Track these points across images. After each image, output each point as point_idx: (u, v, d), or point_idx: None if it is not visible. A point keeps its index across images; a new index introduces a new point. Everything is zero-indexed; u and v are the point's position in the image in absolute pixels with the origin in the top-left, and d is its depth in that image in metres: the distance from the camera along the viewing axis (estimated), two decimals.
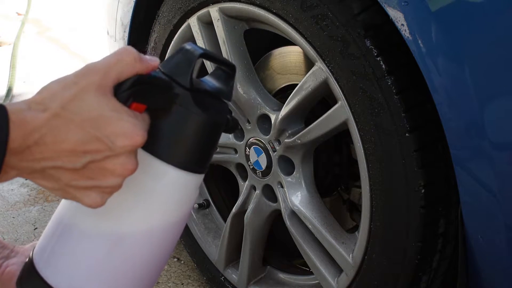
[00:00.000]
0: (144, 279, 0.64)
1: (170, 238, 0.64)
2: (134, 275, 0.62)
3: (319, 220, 1.01)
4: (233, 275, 1.28)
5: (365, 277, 0.92)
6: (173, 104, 0.57)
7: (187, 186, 0.61)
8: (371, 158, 0.83)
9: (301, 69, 1.14)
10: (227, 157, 1.19)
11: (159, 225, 0.61)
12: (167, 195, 0.60)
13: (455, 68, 0.67)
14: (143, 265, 0.62)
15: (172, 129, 0.57)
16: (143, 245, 0.61)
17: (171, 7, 1.15)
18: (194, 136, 0.58)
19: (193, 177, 0.61)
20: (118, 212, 0.58)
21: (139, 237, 0.60)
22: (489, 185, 0.71)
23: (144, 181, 0.58)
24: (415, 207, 0.80)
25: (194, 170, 0.60)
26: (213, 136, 0.61)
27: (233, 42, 1.04)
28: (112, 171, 0.52)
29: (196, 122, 0.58)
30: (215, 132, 0.61)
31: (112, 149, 0.51)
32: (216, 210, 1.39)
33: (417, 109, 0.77)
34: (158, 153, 0.57)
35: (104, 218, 0.58)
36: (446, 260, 0.88)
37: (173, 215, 0.62)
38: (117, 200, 0.57)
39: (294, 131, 1.00)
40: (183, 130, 0.58)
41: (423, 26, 0.69)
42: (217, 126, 0.61)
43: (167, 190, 0.59)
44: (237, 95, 1.06)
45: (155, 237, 0.61)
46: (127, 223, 0.59)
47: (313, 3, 0.83)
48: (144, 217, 0.59)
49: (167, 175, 0.58)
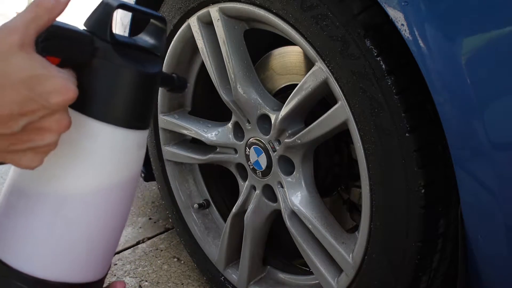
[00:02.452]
0: (99, 245, 0.62)
1: (118, 199, 0.62)
2: (87, 240, 0.60)
3: (319, 220, 1.01)
4: (233, 275, 1.28)
5: (365, 277, 0.92)
6: (94, 58, 0.55)
7: (125, 143, 0.59)
8: (371, 158, 0.83)
9: (301, 69, 1.14)
10: (227, 157, 1.19)
11: (102, 186, 0.59)
12: (104, 153, 0.58)
13: (455, 68, 0.67)
14: (93, 229, 0.61)
15: (97, 84, 0.56)
16: (89, 208, 0.59)
17: (171, 7, 1.15)
18: (121, 89, 0.57)
19: (129, 134, 0.59)
20: (60, 174, 0.57)
21: (83, 199, 0.58)
22: (489, 185, 0.71)
23: (80, 142, 0.57)
24: (415, 207, 0.80)
25: (129, 126, 0.58)
26: (144, 89, 0.59)
27: (233, 42, 1.04)
28: (48, 129, 0.52)
29: (120, 74, 0.56)
30: (146, 85, 0.59)
31: (47, 107, 0.50)
32: (216, 210, 1.39)
33: (417, 109, 0.77)
34: (89, 110, 0.56)
35: (47, 181, 0.57)
36: (446, 260, 0.88)
37: (115, 175, 0.60)
38: (59, 162, 0.56)
39: (294, 131, 1.00)
40: (108, 83, 0.56)
41: (423, 26, 0.69)
42: (147, 78, 0.59)
43: (103, 148, 0.58)
44: (237, 95, 1.06)
45: (101, 198, 0.59)
46: (70, 184, 0.58)
47: (313, 3, 0.83)
48: (85, 178, 0.58)
49: (100, 132, 0.57)
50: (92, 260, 0.63)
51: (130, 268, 1.50)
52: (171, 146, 1.34)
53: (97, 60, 0.55)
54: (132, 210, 1.82)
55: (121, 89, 0.57)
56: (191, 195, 1.39)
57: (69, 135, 0.55)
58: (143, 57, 0.60)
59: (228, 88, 1.09)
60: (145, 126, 0.61)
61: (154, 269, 1.50)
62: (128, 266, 1.51)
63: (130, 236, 1.66)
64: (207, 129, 1.22)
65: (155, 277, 1.46)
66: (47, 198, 0.58)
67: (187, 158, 1.30)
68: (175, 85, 0.64)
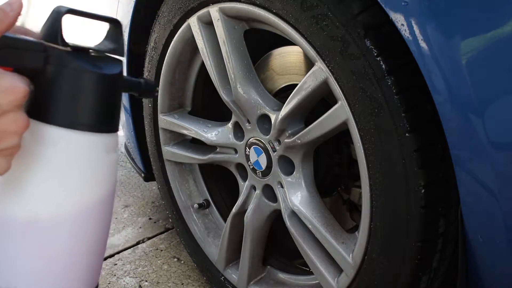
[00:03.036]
0: (75, 268, 0.60)
1: (94, 216, 0.59)
2: (63, 262, 0.58)
3: (319, 220, 1.01)
4: (233, 275, 1.28)
5: (365, 277, 0.92)
6: (48, 65, 0.55)
7: (91, 149, 0.57)
8: (371, 158, 0.83)
9: (301, 69, 1.14)
10: (227, 157, 1.19)
11: (74, 205, 0.56)
12: (71, 163, 0.56)
13: (455, 68, 0.67)
14: (67, 249, 0.58)
15: (54, 90, 0.56)
16: (60, 227, 0.56)
17: (171, 7, 1.15)
18: (78, 92, 0.56)
19: (95, 138, 0.58)
20: (25, 189, 0.56)
21: (52, 218, 0.56)
22: (489, 185, 0.70)
23: (44, 152, 0.55)
24: (415, 207, 0.80)
25: (92, 129, 0.57)
26: (103, 91, 0.58)
27: (233, 42, 1.04)
28: (5, 131, 0.52)
29: (75, 77, 0.56)
30: (104, 87, 0.58)
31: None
32: (216, 210, 1.39)
33: (417, 109, 0.77)
34: (49, 118, 0.55)
35: (10, 203, 0.56)
36: (446, 260, 0.88)
37: (87, 188, 0.58)
38: (22, 176, 0.55)
39: (294, 131, 1.00)
40: (65, 88, 0.56)
41: (423, 26, 0.69)
42: (104, 79, 0.58)
43: (66, 156, 0.56)
44: (237, 95, 1.06)
45: (73, 218, 0.57)
46: (39, 201, 0.56)
47: (313, 3, 0.83)
48: (54, 196, 0.56)
49: (60, 138, 0.56)
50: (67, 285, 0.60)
51: (130, 268, 1.50)
52: (171, 146, 1.34)
53: (51, 66, 0.56)
54: (132, 210, 1.82)
55: (79, 93, 0.57)
56: (191, 195, 1.39)
57: (31, 147, 0.54)
58: (101, 61, 0.60)
59: (228, 88, 1.09)
60: (110, 129, 0.60)
61: (154, 269, 1.50)
62: (128, 266, 1.51)
63: (130, 236, 1.66)
64: (207, 129, 1.22)
65: (155, 277, 1.46)
66: (10, 222, 0.56)
67: (187, 158, 1.30)
68: (142, 89, 0.64)
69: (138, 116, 1.41)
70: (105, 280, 1.44)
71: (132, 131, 1.48)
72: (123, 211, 1.81)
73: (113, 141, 0.61)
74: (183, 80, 1.27)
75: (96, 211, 0.60)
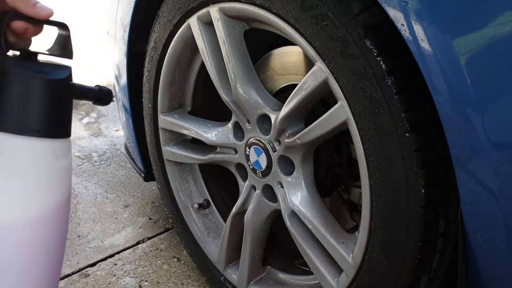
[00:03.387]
0: (27, 276, 0.58)
1: (46, 224, 0.58)
2: (14, 271, 0.57)
3: (319, 220, 1.01)
4: (233, 275, 1.28)
5: (365, 277, 0.92)
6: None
7: (40, 154, 0.56)
8: (371, 158, 0.83)
9: (301, 69, 1.14)
10: (227, 157, 1.19)
11: (22, 209, 0.55)
12: (15, 168, 0.55)
13: (455, 68, 0.67)
14: (18, 258, 0.57)
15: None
16: (8, 235, 0.55)
17: (171, 7, 1.15)
18: (21, 97, 0.56)
19: (43, 143, 0.57)
20: None
21: (1, 227, 0.55)
22: (489, 185, 0.71)
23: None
24: (415, 207, 0.80)
25: (40, 134, 0.57)
26: (49, 96, 0.57)
27: (233, 42, 1.04)
28: None
29: (18, 82, 0.55)
30: (51, 91, 0.57)
31: None
32: (216, 210, 1.39)
33: (417, 109, 0.77)
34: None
35: None
36: (446, 260, 0.88)
37: (40, 194, 0.57)
38: None
39: (294, 131, 1.00)
40: (10, 93, 0.55)
41: (423, 26, 0.69)
42: (51, 85, 0.57)
43: (13, 162, 0.55)
44: (237, 95, 1.06)
45: (22, 226, 0.55)
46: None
47: (313, 3, 0.83)
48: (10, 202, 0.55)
49: (6, 144, 0.55)
50: None
51: (130, 268, 1.50)
52: (171, 146, 1.34)
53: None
54: (132, 210, 1.82)
55: (24, 98, 0.56)
56: (191, 195, 1.39)
57: None
58: (48, 66, 0.59)
59: (228, 88, 1.09)
60: (59, 134, 0.59)
61: (154, 269, 1.50)
62: (128, 266, 1.51)
63: (130, 236, 1.66)
64: (207, 129, 1.22)
65: (155, 277, 1.46)
66: None
67: (187, 158, 1.30)
68: (97, 96, 0.63)
69: (138, 116, 1.41)
70: (105, 280, 1.45)
71: (132, 131, 1.48)
72: (123, 211, 1.81)
73: (63, 147, 0.59)
74: (183, 80, 1.27)
75: (48, 220, 0.58)
